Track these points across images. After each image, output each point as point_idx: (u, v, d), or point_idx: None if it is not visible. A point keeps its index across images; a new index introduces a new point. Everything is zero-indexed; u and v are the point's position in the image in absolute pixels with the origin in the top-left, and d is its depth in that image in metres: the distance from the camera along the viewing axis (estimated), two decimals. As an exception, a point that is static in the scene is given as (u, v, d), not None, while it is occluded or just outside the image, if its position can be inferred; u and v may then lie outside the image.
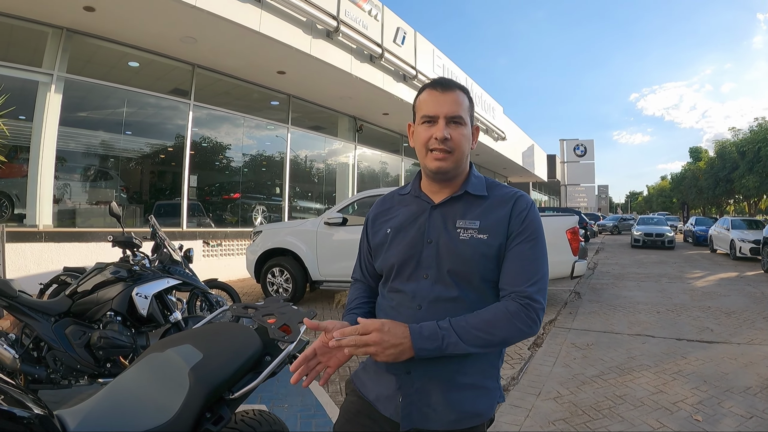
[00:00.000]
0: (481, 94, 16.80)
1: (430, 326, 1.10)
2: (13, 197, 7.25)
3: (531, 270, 1.17)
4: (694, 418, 3.25)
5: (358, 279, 1.46)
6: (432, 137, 1.20)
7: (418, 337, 1.08)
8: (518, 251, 1.18)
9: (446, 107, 1.20)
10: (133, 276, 3.19)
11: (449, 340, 1.09)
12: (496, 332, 1.11)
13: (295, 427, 2.95)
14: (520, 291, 1.15)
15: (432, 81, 1.26)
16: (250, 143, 11.52)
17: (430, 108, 1.21)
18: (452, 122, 1.20)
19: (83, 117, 8.38)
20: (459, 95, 1.22)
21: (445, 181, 1.25)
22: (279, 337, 1.65)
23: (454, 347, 1.09)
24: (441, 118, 1.19)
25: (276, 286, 6.97)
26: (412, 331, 1.09)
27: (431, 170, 1.23)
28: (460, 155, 1.22)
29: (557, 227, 6.75)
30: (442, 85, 1.23)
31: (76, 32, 7.42)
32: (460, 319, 1.12)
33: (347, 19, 9.16)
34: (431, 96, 1.22)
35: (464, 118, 1.22)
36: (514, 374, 4.12)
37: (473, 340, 1.10)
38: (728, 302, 7.60)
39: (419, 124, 1.24)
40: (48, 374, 2.79)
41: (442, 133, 1.18)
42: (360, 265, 1.46)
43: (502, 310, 1.13)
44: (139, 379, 1.43)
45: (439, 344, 1.08)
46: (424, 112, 1.22)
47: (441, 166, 1.20)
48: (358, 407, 1.29)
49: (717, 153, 28.89)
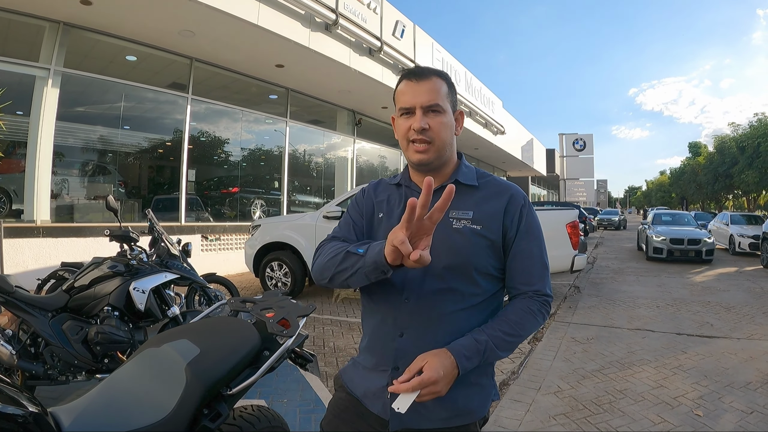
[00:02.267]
0: (480, 88, 16.74)
1: (469, 345, 1.09)
2: (11, 193, 7.21)
3: (540, 267, 1.21)
4: (694, 413, 3.24)
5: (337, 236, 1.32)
6: (410, 128, 1.17)
7: (464, 360, 1.07)
8: (526, 250, 1.20)
9: (422, 97, 1.16)
10: (131, 270, 3.17)
11: (488, 353, 1.10)
12: (524, 332, 1.16)
13: (295, 422, 2.93)
14: (535, 289, 1.19)
15: (407, 71, 1.23)
16: (248, 137, 11.47)
17: (407, 99, 1.18)
18: (430, 111, 1.16)
19: (81, 112, 8.32)
20: (436, 82, 1.18)
21: (430, 171, 1.22)
22: (277, 331, 1.63)
23: (491, 356, 1.11)
24: (418, 109, 1.16)
25: (275, 281, 6.96)
26: (457, 358, 1.06)
27: (414, 162, 1.21)
28: (441, 144, 1.18)
29: (557, 221, 6.73)
30: (417, 74, 1.20)
31: (73, 26, 7.35)
32: (493, 328, 1.13)
33: (346, 12, 9.08)
34: (407, 86, 1.19)
35: (442, 105, 1.18)
36: (514, 368, 4.11)
37: (506, 346, 1.13)
38: (728, 297, 7.60)
39: (398, 117, 1.22)
40: (45, 370, 2.76)
41: (419, 123, 1.15)
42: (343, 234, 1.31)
43: (526, 310, 1.17)
44: (135, 375, 1.41)
45: (479, 360, 1.09)
46: (401, 104, 1.20)
47: (422, 158, 1.18)
48: (346, 403, 1.26)
49: (716, 148, 28.92)
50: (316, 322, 5.54)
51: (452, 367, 1.04)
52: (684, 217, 15.85)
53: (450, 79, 1.24)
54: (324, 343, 4.77)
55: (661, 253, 12.58)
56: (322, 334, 5.09)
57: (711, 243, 12.59)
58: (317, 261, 1.24)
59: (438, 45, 13.26)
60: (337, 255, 1.16)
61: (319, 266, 1.22)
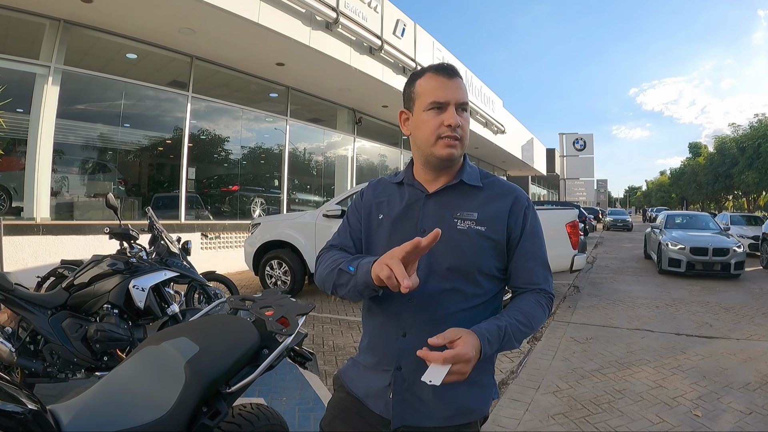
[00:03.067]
0: (480, 87, 16.73)
1: (492, 330, 1.07)
2: (11, 190, 7.21)
3: (544, 268, 1.23)
4: (693, 413, 3.24)
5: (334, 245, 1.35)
6: (442, 124, 1.15)
7: (486, 345, 1.05)
8: (531, 251, 1.22)
9: (456, 93, 1.16)
10: (130, 268, 3.16)
11: (506, 341, 1.10)
12: (535, 324, 1.17)
13: (294, 420, 2.94)
14: (542, 288, 1.22)
15: (434, 66, 1.21)
16: (248, 135, 11.46)
17: (440, 94, 1.15)
18: (461, 109, 1.17)
19: (81, 109, 8.31)
20: (462, 82, 1.20)
21: (446, 168, 1.22)
22: (277, 329, 1.63)
23: (507, 344, 1.10)
24: (452, 105, 1.15)
25: (274, 279, 6.96)
26: (482, 341, 1.04)
27: (442, 157, 1.17)
28: (466, 143, 1.20)
29: (557, 221, 6.73)
30: (448, 71, 1.18)
31: (73, 24, 7.34)
32: (510, 316, 1.13)
33: (347, 10, 9.07)
34: (438, 82, 1.17)
35: (468, 105, 1.21)
36: (513, 368, 4.11)
37: (520, 336, 1.13)
38: (727, 297, 7.61)
39: (425, 110, 1.18)
40: (45, 368, 2.76)
41: (456, 119, 1.14)
42: (350, 236, 1.34)
43: (536, 303, 1.19)
44: (134, 373, 1.41)
45: (497, 347, 1.08)
46: (433, 98, 1.16)
47: (453, 153, 1.16)
48: (346, 403, 1.26)
49: (716, 149, 28.93)
50: (316, 321, 5.54)
51: (479, 350, 1.03)
52: (703, 220, 12.77)
53: None
54: (323, 341, 4.77)
55: (678, 266, 9.90)
56: (321, 332, 5.10)
57: (741, 253, 9.85)
58: (318, 271, 1.28)
59: (439, 44, 13.23)
60: (333, 270, 1.19)
61: (320, 277, 1.26)
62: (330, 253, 1.28)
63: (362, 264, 1.11)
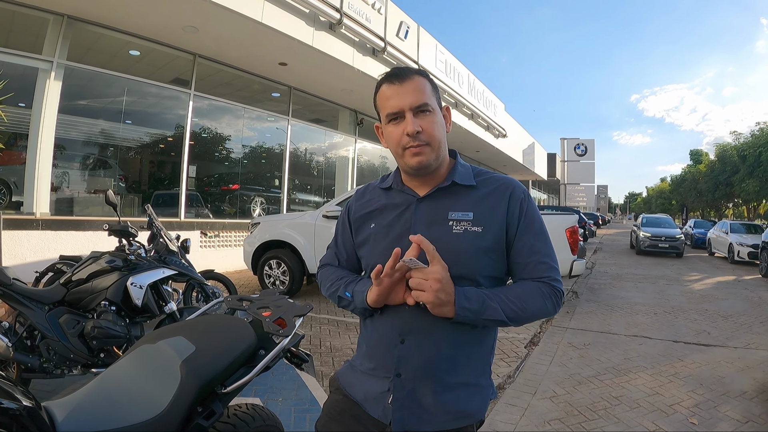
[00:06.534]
0: (483, 91, 16.74)
1: (471, 289, 1.08)
2: (11, 184, 7.21)
3: (549, 259, 1.17)
4: (690, 421, 3.24)
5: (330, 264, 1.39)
6: (403, 134, 1.11)
7: (462, 296, 1.05)
8: (532, 244, 1.17)
9: (408, 97, 1.10)
10: (129, 265, 3.16)
11: (490, 303, 1.07)
12: (528, 307, 1.11)
13: (289, 421, 2.93)
14: (546, 279, 1.15)
15: (386, 74, 1.17)
16: (250, 135, 11.47)
17: (393, 103, 1.12)
18: (419, 112, 1.11)
19: (83, 105, 8.32)
20: (419, 81, 1.13)
21: (427, 175, 1.18)
22: (274, 330, 1.63)
23: (492, 313, 1.07)
24: (407, 111, 1.10)
25: (273, 279, 6.95)
26: (456, 289, 1.05)
27: (413, 167, 1.14)
28: (437, 144, 1.13)
29: (556, 226, 6.72)
30: (398, 75, 1.13)
31: (77, 19, 7.35)
32: (495, 290, 1.12)
33: (350, 11, 9.08)
34: (391, 90, 1.13)
35: (430, 104, 1.13)
36: (510, 372, 4.11)
37: (508, 310, 1.09)
38: (725, 306, 7.60)
39: (386, 124, 1.16)
40: (41, 363, 2.76)
41: (413, 126, 1.09)
42: (336, 256, 1.37)
43: (535, 288, 1.14)
44: (130, 371, 1.41)
45: (479, 306, 1.06)
46: (388, 110, 1.13)
47: (422, 160, 1.12)
48: (343, 406, 1.24)
49: (717, 156, 28.90)
50: (313, 322, 5.53)
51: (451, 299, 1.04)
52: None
53: (430, 77, 1.19)
54: (320, 342, 4.77)
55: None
56: (318, 333, 5.09)
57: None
58: (323, 288, 1.35)
59: (442, 47, 13.24)
60: (333, 294, 1.28)
61: (327, 294, 1.33)
62: (327, 270, 1.36)
63: (357, 292, 1.19)
